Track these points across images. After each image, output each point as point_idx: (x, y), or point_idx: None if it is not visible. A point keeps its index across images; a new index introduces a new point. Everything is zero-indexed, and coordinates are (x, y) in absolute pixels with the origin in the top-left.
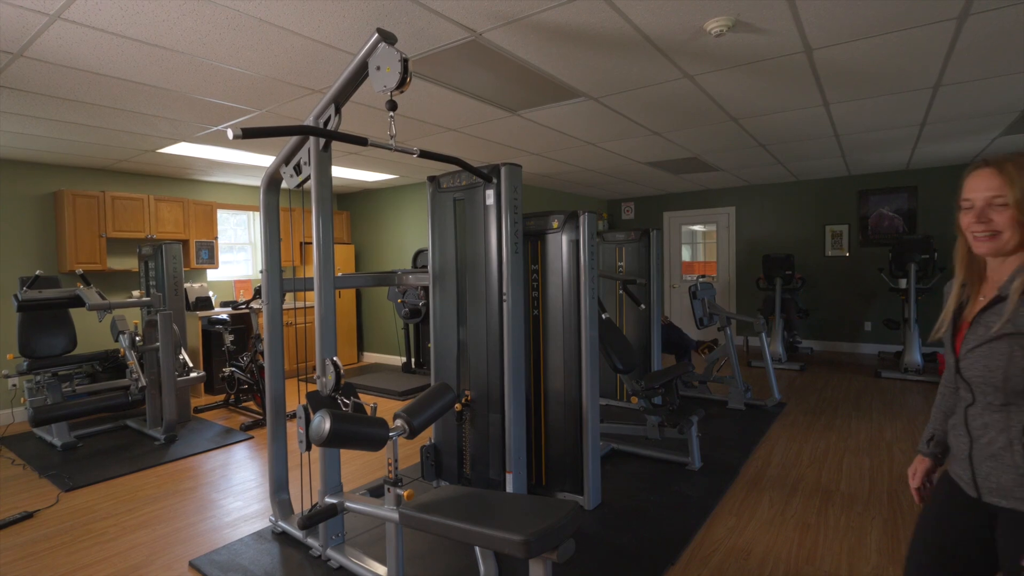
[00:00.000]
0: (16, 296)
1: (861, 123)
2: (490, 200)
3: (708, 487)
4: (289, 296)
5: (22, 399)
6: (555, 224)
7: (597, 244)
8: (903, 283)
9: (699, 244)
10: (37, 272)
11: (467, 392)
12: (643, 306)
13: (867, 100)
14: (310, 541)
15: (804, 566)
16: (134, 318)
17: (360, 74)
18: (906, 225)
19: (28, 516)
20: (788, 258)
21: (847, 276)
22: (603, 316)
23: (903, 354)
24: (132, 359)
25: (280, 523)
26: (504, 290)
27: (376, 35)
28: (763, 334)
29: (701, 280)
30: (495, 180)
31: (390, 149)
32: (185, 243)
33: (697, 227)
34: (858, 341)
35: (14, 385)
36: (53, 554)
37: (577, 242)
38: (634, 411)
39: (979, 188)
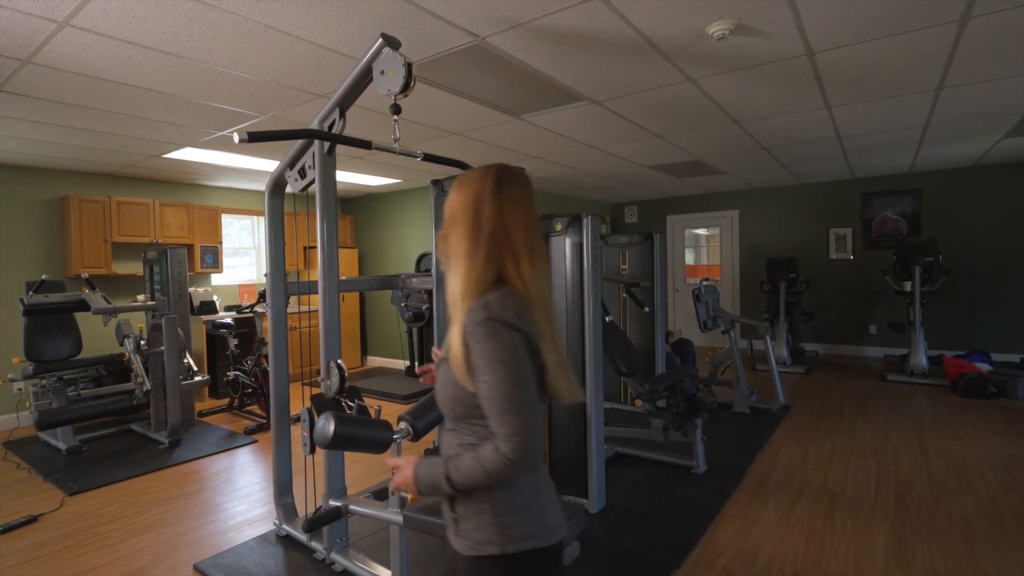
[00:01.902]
0: (22, 300)
1: (864, 126)
2: None
3: (713, 490)
4: (293, 300)
5: (27, 403)
6: (558, 227)
7: (601, 247)
8: (908, 286)
9: (702, 248)
10: (43, 276)
11: None
12: (647, 309)
13: (870, 103)
14: (314, 544)
15: (811, 569)
16: (139, 322)
17: (364, 78)
18: (910, 228)
19: (32, 520)
20: (792, 261)
21: (851, 279)
22: (607, 319)
23: (908, 357)
24: (137, 363)
25: (284, 526)
26: None
27: (380, 40)
28: (767, 337)
29: (705, 283)
30: None
31: (394, 153)
32: (190, 247)
33: (700, 231)
34: (863, 344)
35: (19, 389)
36: (57, 558)
37: (581, 245)
38: (638, 414)
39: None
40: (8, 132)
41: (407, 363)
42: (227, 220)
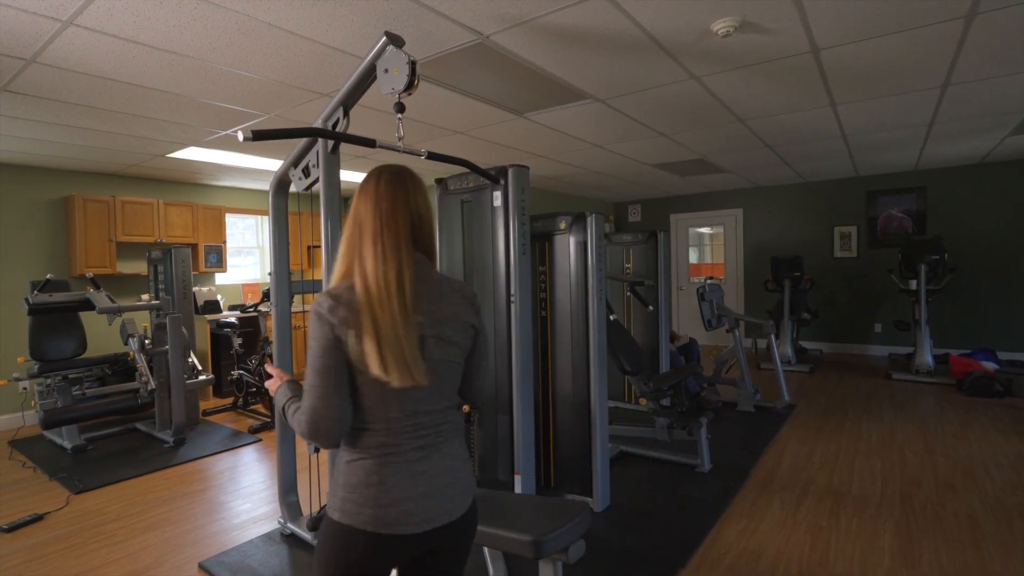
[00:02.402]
0: (27, 300)
1: (869, 123)
2: (497, 202)
3: (718, 489)
4: (297, 299)
5: (32, 402)
6: (562, 225)
7: (604, 246)
8: (913, 284)
9: (706, 246)
10: (48, 276)
11: None
12: (651, 308)
13: (875, 100)
14: None
15: (816, 569)
16: (143, 321)
17: (368, 77)
18: (915, 226)
19: (38, 518)
20: (796, 260)
21: (856, 277)
22: (611, 318)
23: (914, 356)
24: (141, 362)
25: (289, 525)
26: (512, 291)
27: (384, 38)
28: (772, 336)
29: (709, 282)
30: (502, 181)
31: (398, 151)
32: (194, 247)
33: (704, 229)
34: (868, 343)
35: (24, 388)
36: (62, 556)
37: (585, 243)
38: (642, 413)
39: None
40: (13, 132)
41: None
42: (231, 220)
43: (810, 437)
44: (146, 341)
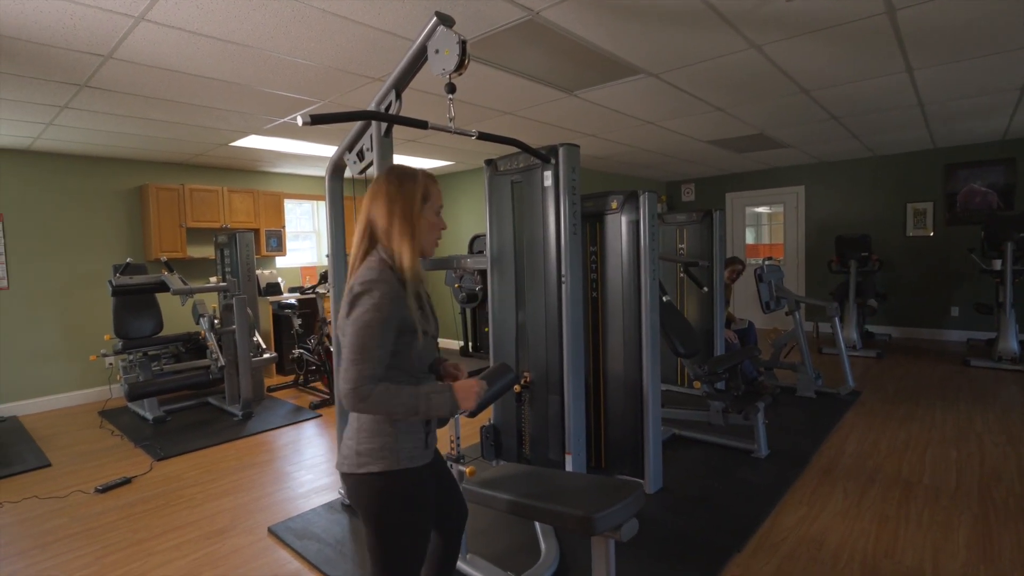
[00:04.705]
0: (110, 282)
1: (950, 90)
2: (548, 181)
3: (776, 475)
4: None
5: (118, 376)
6: (614, 205)
7: (657, 225)
8: (998, 264)
9: (764, 226)
10: (128, 260)
11: (526, 373)
12: (706, 289)
13: (957, 63)
14: None
15: (883, 560)
16: (212, 302)
17: (419, 58)
18: (1002, 201)
19: (127, 481)
20: (864, 239)
21: (931, 257)
22: (664, 299)
23: (996, 341)
24: (212, 340)
25: None
26: (563, 272)
27: (435, 18)
28: (836, 319)
29: (768, 262)
30: (553, 161)
31: (449, 131)
32: (256, 232)
33: (762, 209)
34: (943, 327)
35: (110, 364)
36: (149, 516)
37: (637, 223)
38: (696, 397)
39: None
40: (93, 126)
41: (461, 343)
42: (289, 205)
43: (877, 424)
44: (215, 321)
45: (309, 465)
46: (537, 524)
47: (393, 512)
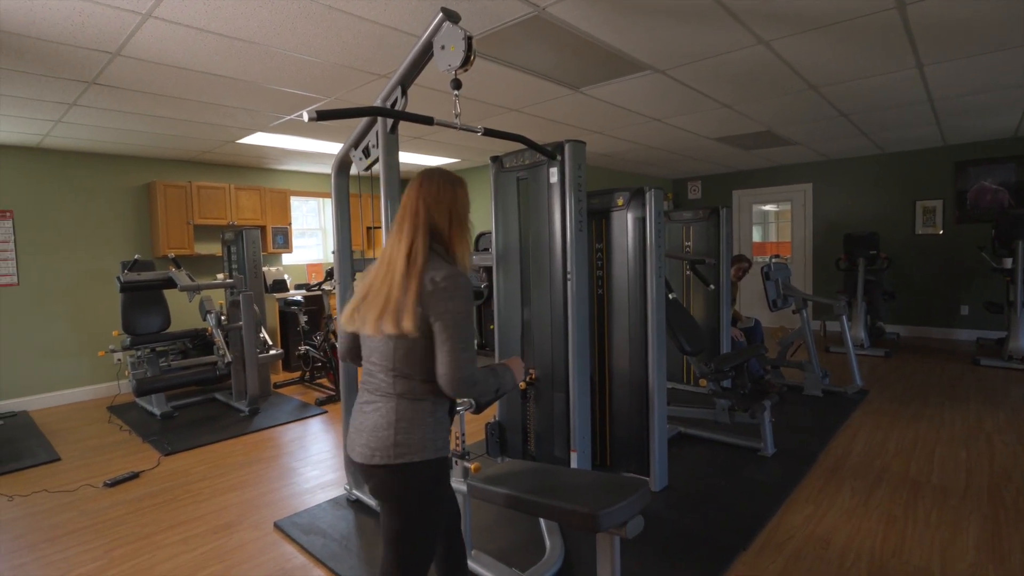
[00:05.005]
0: (119, 278)
1: (961, 86)
2: (554, 178)
3: (782, 474)
4: (358, 277)
5: (126, 372)
6: (620, 202)
7: (664, 223)
8: (1008, 263)
9: (771, 224)
10: (136, 256)
11: (531, 371)
12: (712, 286)
13: (968, 59)
14: None
15: (890, 559)
16: (219, 299)
17: (425, 55)
18: (1013, 199)
19: (135, 476)
20: (872, 236)
21: (940, 256)
22: (670, 296)
23: (1007, 340)
24: (218, 337)
25: (354, 492)
26: (568, 269)
27: (440, 14)
28: (843, 317)
29: (775, 260)
30: (559, 157)
31: (455, 128)
32: (262, 229)
33: (769, 207)
34: (952, 326)
35: (119, 359)
36: (157, 510)
37: (643, 220)
38: (702, 395)
39: None
40: (101, 123)
41: None
42: (295, 203)
43: (884, 424)
44: (222, 317)
45: (315, 461)
46: (542, 521)
47: (428, 500)
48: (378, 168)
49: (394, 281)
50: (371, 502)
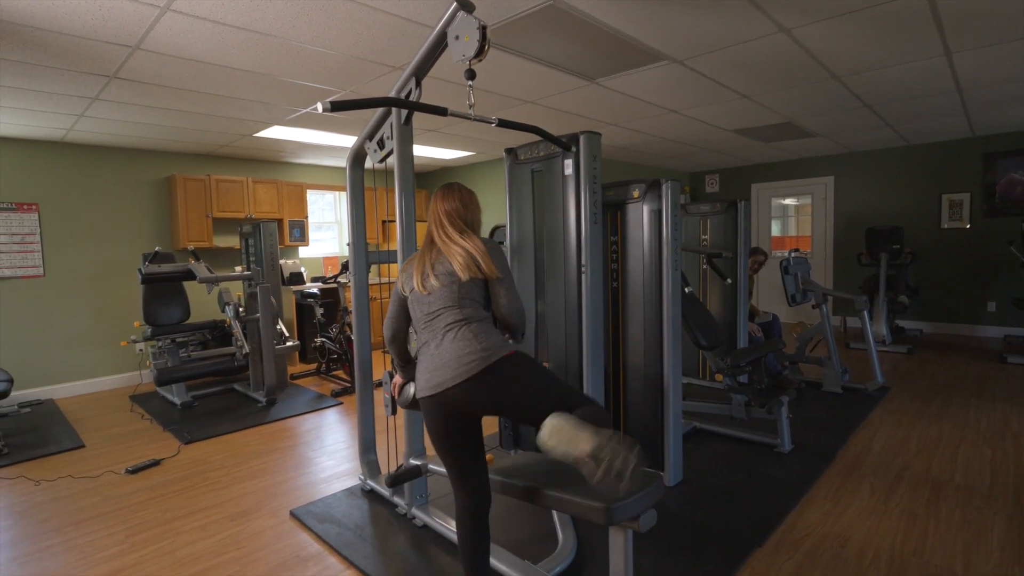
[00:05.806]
0: (140, 270)
1: (991, 74)
2: (568, 170)
3: (799, 471)
4: (373, 272)
5: (147, 362)
6: (636, 194)
7: (680, 215)
8: None
9: (791, 218)
10: (156, 248)
11: (545, 363)
12: (729, 280)
13: (1000, 46)
14: (396, 499)
15: (911, 558)
16: (237, 291)
17: (439, 45)
18: None
19: (156, 463)
20: (896, 231)
21: (967, 250)
22: (686, 290)
23: None
24: (237, 328)
25: (369, 482)
26: (583, 262)
27: (455, 4)
28: (864, 313)
29: (794, 254)
30: (574, 149)
31: (469, 119)
32: (279, 222)
33: (789, 200)
34: (979, 323)
35: (140, 350)
36: (178, 496)
37: (659, 212)
38: (718, 390)
39: None
40: (124, 117)
41: None
42: (312, 196)
43: (906, 421)
44: (240, 309)
45: (330, 451)
46: (555, 513)
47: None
48: (392, 161)
49: (467, 245)
50: (385, 492)
